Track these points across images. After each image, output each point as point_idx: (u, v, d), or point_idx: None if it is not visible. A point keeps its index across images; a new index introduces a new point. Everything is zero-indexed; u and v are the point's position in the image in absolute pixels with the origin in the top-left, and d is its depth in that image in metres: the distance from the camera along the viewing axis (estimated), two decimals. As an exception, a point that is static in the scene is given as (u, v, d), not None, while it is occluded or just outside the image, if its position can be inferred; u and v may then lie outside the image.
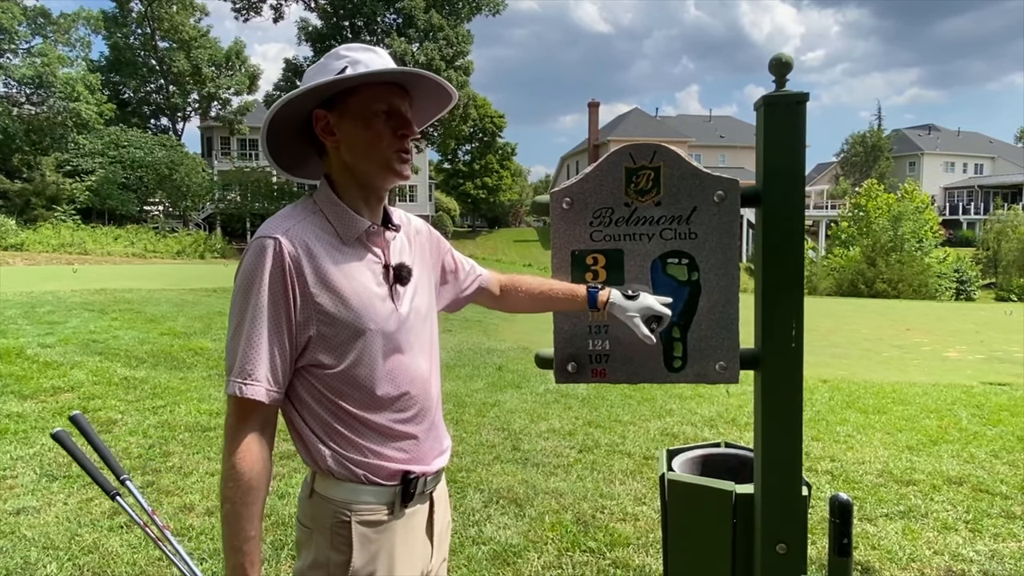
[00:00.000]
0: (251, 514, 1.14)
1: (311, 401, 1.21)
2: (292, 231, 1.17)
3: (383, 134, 1.22)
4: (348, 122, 1.22)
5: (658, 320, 1.51)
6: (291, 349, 1.17)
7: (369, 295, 1.21)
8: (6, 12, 31.75)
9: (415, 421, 1.27)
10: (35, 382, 5.75)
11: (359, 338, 1.19)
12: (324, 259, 1.18)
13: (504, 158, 58.57)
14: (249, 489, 1.14)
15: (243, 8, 37.39)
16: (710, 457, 2.03)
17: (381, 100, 1.22)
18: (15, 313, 9.01)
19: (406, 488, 1.24)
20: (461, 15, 37.12)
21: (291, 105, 1.21)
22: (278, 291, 1.14)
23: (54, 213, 31.20)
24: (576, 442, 4.52)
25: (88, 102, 34.01)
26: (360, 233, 1.24)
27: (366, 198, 1.27)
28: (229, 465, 1.14)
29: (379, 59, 1.24)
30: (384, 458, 1.23)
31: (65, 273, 16.59)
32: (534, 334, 9.98)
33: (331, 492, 1.22)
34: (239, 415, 1.16)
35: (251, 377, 1.14)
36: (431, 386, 1.33)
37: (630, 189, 1.57)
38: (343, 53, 1.24)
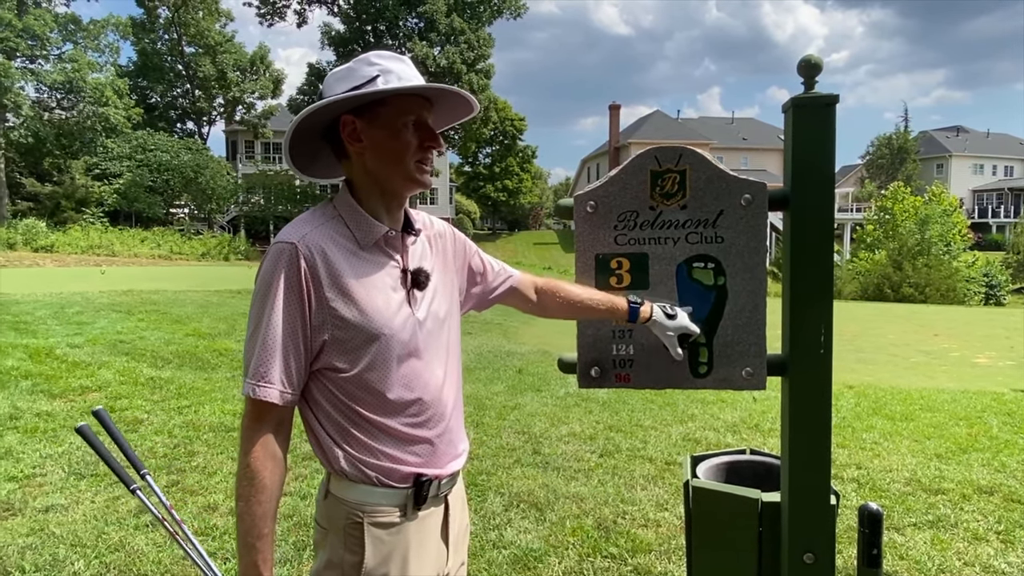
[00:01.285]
0: (264, 512, 1.16)
1: (326, 404, 1.23)
2: (309, 236, 1.19)
3: (410, 145, 1.24)
4: (377, 130, 1.23)
5: (688, 337, 1.52)
6: (306, 352, 1.19)
7: (385, 300, 1.22)
8: (38, 19, 32.48)
9: (428, 426, 1.28)
10: (64, 381, 5.85)
11: (373, 343, 1.20)
12: (341, 264, 1.19)
13: (524, 161, 58.61)
14: (263, 488, 1.16)
15: (267, 13, 37.86)
16: (735, 464, 2.00)
17: (410, 111, 1.24)
18: (45, 314, 9.19)
19: (419, 490, 1.25)
20: (482, 19, 37.24)
21: (323, 109, 1.23)
22: (293, 296, 1.17)
23: (83, 215, 31.85)
24: (597, 446, 4.49)
25: (116, 107, 34.66)
26: (378, 238, 1.25)
27: (387, 204, 1.28)
28: (244, 464, 1.17)
29: (408, 69, 1.25)
30: (397, 461, 1.24)
31: (93, 274, 16.90)
32: (554, 337, 9.96)
33: (345, 493, 1.24)
34: (254, 416, 1.19)
35: (265, 379, 1.16)
36: (446, 391, 1.32)
37: (655, 192, 1.55)
38: (374, 60, 1.24)
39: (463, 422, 1.41)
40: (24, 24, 31.84)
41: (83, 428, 1.79)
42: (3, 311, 9.22)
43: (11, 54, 32.15)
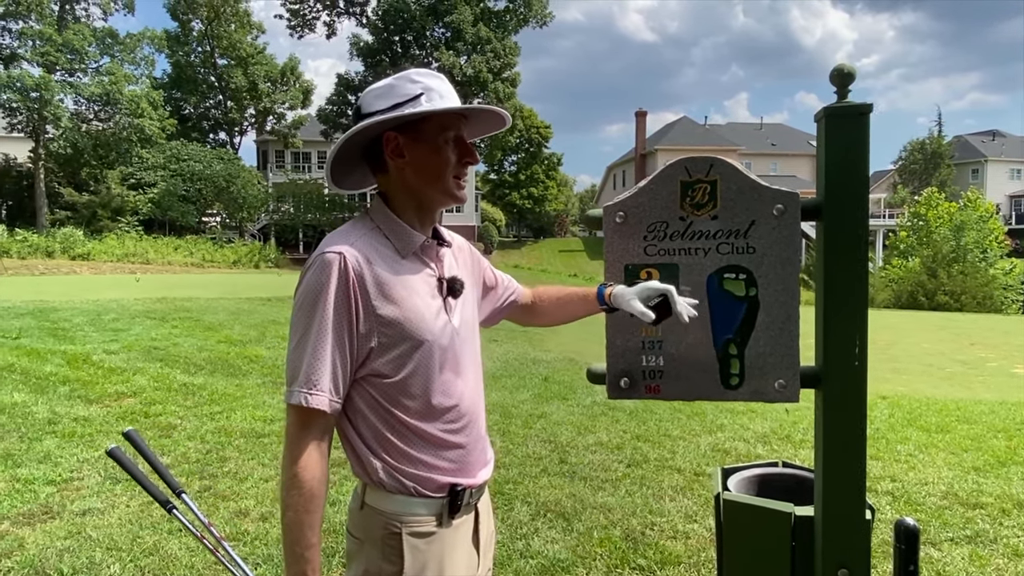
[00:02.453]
0: (313, 522, 1.17)
1: (367, 410, 1.25)
2: (355, 246, 1.23)
3: (450, 161, 1.29)
4: (420, 146, 1.28)
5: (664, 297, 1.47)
6: (352, 361, 1.21)
7: (426, 307, 1.26)
8: (78, 34, 33.46)
9: (464, 432, 1.31)
10: (100, 387, 5.99)
11: (418, 349, 1.23)
12: (385, 273, 1.23)
13: (550, 168, 58.65)
14: (312, 497, 1.17)
15: (298, 25, 38.56)
16: (767, 477, 1.97)
17: (450, 127, 1.29)
18: (83, 320, 9.43)
19: (453, 500, 1.27)
20: (508, 27, 37.45)
21: (377, 127, 1.28)
22: (343, 304, 1.19)
23: (119, 224, 32.64)
24: (624, 456, 4.46)
25: (151, 118, 35.51)
26: (416, 247, 1.30)
27: (421, 217, 1.33)
28: (291, 474, 1.17)
29: (447, 86, 1.31)
30: (434, 470, 1.26)
31: (128, 282, 17.29)
32: (579, 344, 9.93)
33: (382, 504, 1.26)
34: (302, 424, 1.19)
35: (316, 387, 1.18)
36: (477, 399, 1.37)
37: (685, 203, 1.54)
38: (415, 78, 1.29)
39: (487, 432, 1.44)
40: (64, 39, 32.83)
41: (114, 451, 1.79)
42: (43, 318, 9.48)
43: (51, 68, 33.15)
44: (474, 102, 35.87)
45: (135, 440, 1.79)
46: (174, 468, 4.08)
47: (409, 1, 36.09)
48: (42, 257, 24.88)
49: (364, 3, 38.13)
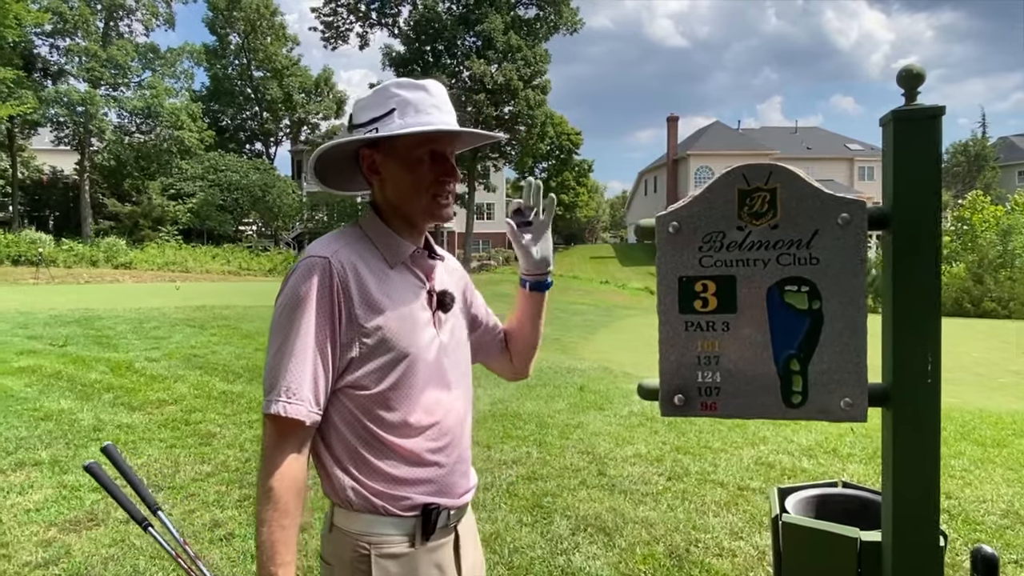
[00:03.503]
0: (287, 539, 1.12)
1: (340, 424, 1.20)
2: (341, 252, 1.19)
3: (425, 179, 1.23)
4: (393, 163, 1.24)
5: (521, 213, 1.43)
6: (333, 371, 1.17)
7: (413, 319, 1.22)
8: (121, 50, 34.52)
9: (444, 452, 1.25)
10: (142, 394, 6.09)
11: (401, 361, 1.19)
12: (371, 281, 1.19)
13: (581, 175, 58.60)
14: (286, 512, 1.12)
15: (331, 37, 39.18)
16: (827, 498, 1.88)
17: (425, 144, 1.22)
18: (126, 328, 9.64)
19: (427, 520, 1.21)
20: (539, 35, 37.55)
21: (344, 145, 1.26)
22: (326, 311, 1.15)
23: (159, 233, 33.49)
24: (664, 469, 4.37)
25: (190, 130, 36.42)
26: (405, 257, 1.26)
27: (408, 229, 1.29)
28: (266, 488, 1.13)
29: (430, 98, 1.23)
30: (406, 487, 1.20)
31: (169, 290, 17.68)
32: (614, 352, 9.82)
33: (350, 525, 1.20)
34: (279, 435, 1.15)
35: (296, 397, 1.13)
36: (463, 420, 1.31)
37: (743, 212, 1.48)
38: (393, 91, 1.23)
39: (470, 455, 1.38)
40: (108, 55, 33.91)
41: (91, 466, 1.73)
42: (88, 326, 9.72)
43: (96, 83, 34.25)
44: (504, 110, 36.06)
45: (113, 455, 1.73)
46: (214, 477, 4.11)
47: (440, 11, 36.44)
48: (87, 266, 25.62)
49: (396, 14, 38.60)
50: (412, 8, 37.46)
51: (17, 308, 11.66)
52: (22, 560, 3.02)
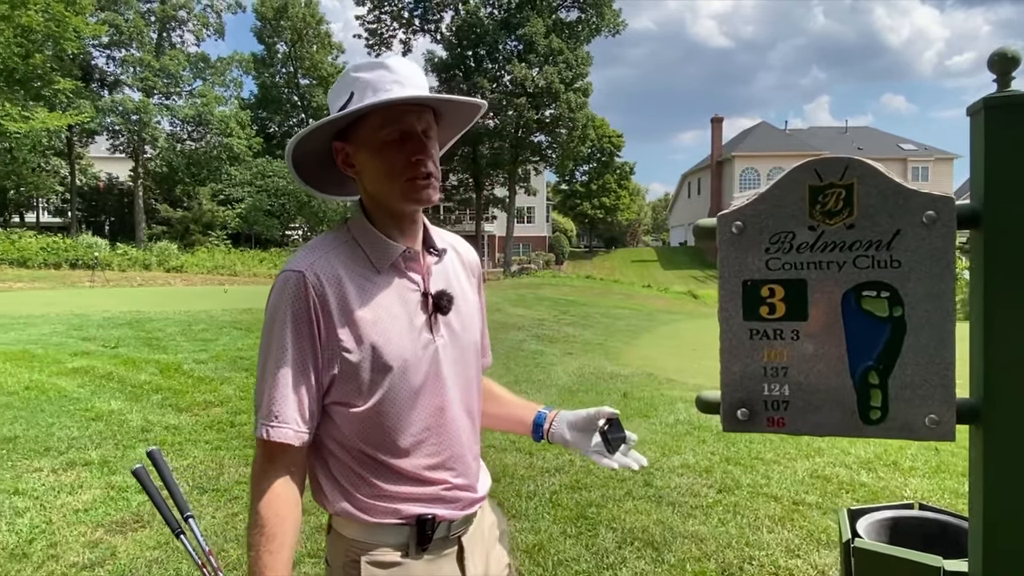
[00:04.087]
0: (274, 563, 1.06)
1: (329, 442, 1.15)
2: (318, 263, 1.11)
3: (396, 162, 1.12)
4: (363, 153, 1.14)
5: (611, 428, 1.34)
6: (317, 387, 1.12)
7: (401, 328, 1.13)
8: (173, 59, 35.65)
9: (446, 466, 1.18)
10: (190, 396, 6.19)
11: (386, 374, 1.11)
12: (352, 291, 1.11)
13: (622, 178, 58.04)
14: (273, 537, 1.07)
15: (375, 44, 39.73)
16: (901, 521, 1.73)
17: (390, 124, 1.12)
18: (175, 331, 9.86)
19: (422, 530, 1.15)
20: (580, 38, 37.39)
21: (311, 140, 1.15)
22: (302, 327, 1.09)
23: (209, 238, 34.43)
24: (714, 480, 4.20)
25: (239, 137, 37.38)
26: (395, 259, 1.16)
27: (397, 224, 1.18)
28: (254, 511, 1.09)
29: (390, 74, 1.12)
30: (399, 499, 1.15)
31: (217, 293, 18.09)
32: (658, 358, 9.62)
33: (344, 530, 1.17)
34: (267, 458, 1.11)
35: (278, 419, 1.09)
36: (467, 428, 1.23)
37: (815, 210, 1.35)
38: (352, 75, 1.14)
39: (481, 463, 1.30)
40: (161, 64, 35.05)
41: (138, 471, 1.76)
42: (139, 328, 9.98)
43: (150, 92, 35.44)
44: (545, 114, 36.00)
45: (157, 461, 1.75)
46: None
47: (482, 16, 36.61)
48: (140, 269, 26.44)
49: (438, 20, 38.94)
50: (454, 14, 37.74)
51: (72, 310, 12.06)
52: (70, 561, 3.05)
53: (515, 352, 9.62)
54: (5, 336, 8.97)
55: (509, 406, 1.44)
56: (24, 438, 4.83)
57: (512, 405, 1.44)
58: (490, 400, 1.42)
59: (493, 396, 1.44)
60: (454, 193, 40.41)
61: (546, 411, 1.38)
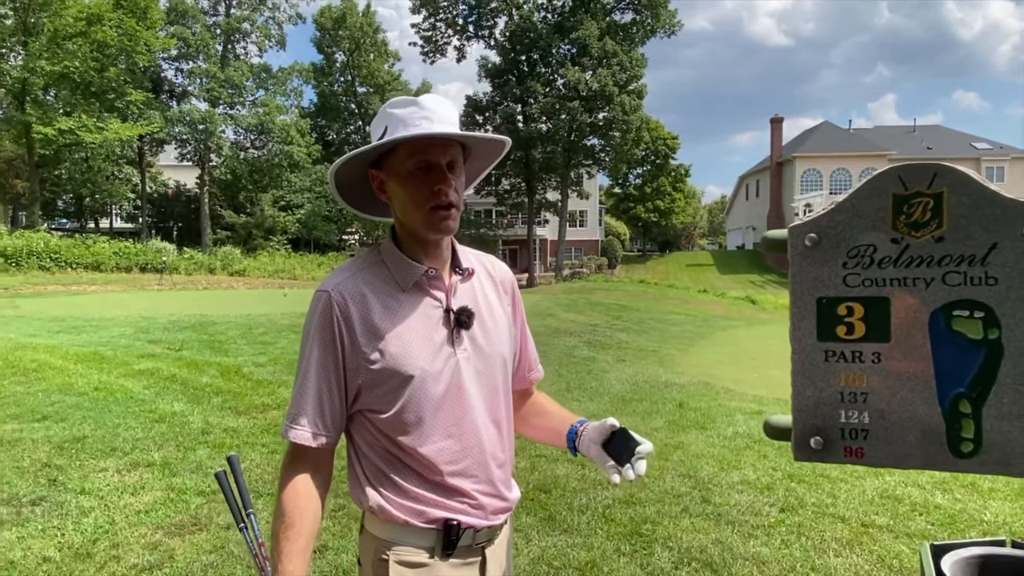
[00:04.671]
0: (291, 550, 1.16)
1: (363, 444, 1.26)
2: (344, 284, 1.23)
3: (420, 190, 1.21)
4: (393, 180, 1.24)
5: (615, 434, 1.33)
6: (341, 395, 1.22)
7: (421, 341, 1.22)
8: (237, 70, 36.96)
9: (467, 474, 1.25)
10: (248, 399, 6.32)
11: (407, 384, 1.20)
12: (376, 308, 1.21)
13: (677, 180, 57.12)
14: (291, 525, 1.17)
15: (430, 51, 40.25)
16: (992, 560, 1.57)
17: (415, 156, 1.21)
18: (236, 334, 10.15)
19: (448, 535, 1.22)
20: (635, 40, 36.98)
21: (353, 165, 1.27)
22: (327, 341, 1.21)
23: (270, 243, 35.49)
24: (776, 498, 4.01)
25: (299, 145, 38.45)
26: (418, 278, 1.25)
27: (423, 246, 1.28)
28: (278, 501, 1.21)
29: (419, 111, 1.22)
30: (427, 503, 1.22)
31: (277, 297, 18.59)
32: (715, 367, 9.35)
33: (375, 529, 1.25)
34: (291, 456, 1.24)
35: (296, 422, 1.21)
36: (491, 437, 1.29)
37: (900, 221, 1.23)
38: (387, 111, 1.25)
39: (511, 471, 1.35)
40: (226, 75, 36.39)
41: (220, 475, 1.93)
42: (202, 331, 10.32)
43: (215, 102, 36.84)
44: (599, 116, 35.72)
45: (234, 466, 1.96)
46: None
47: (536, 20, 36.63)
48: (205, 273, 27.44)
49: (492, 26, 39.15)
50: (508, 19, 37.89)
51: (140, 313, 12.57)
52: (130, 562, 3.12)
53: (566, 358, 9.51)
54: (78, 338, 9.40)
55: (552, 419, 1.47)
56: (92, 438, 5.02)
57: (554, 418, 1.47)
58: (540, 414, 1.49)
59: (543, 411, 1.49)
60: (506, 197, 40.49)
61: (578, 424, 1.39)
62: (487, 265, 1.39)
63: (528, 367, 1.48)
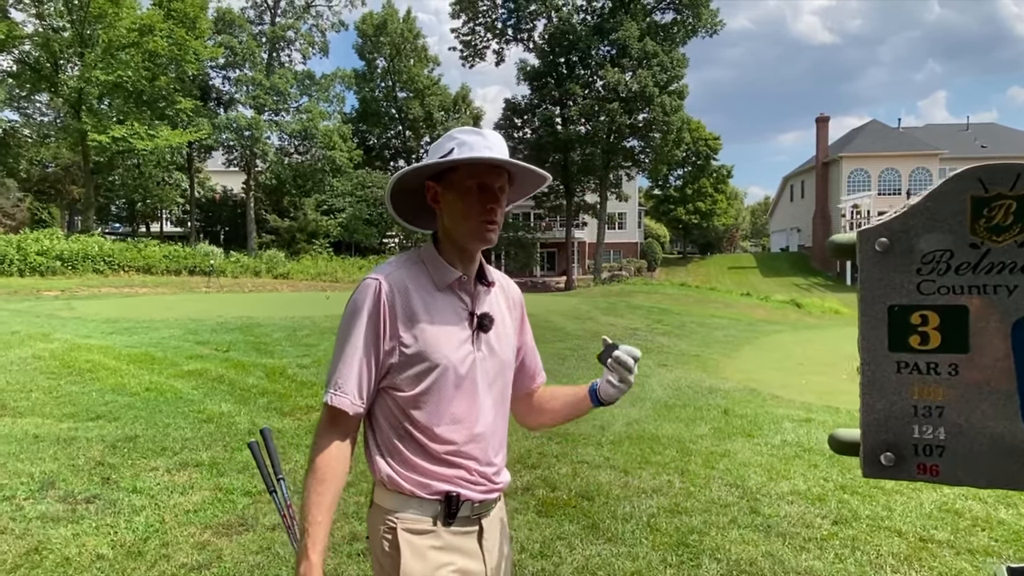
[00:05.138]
0: (320, 502, 1.32)
1: (381, 418, 1.42)
2: (392, 275, 1.40)
3: (473, 206, 1.40)
4: (450, 194, 1.43)
5: None
6: (376, 371, 1.38)
7: (449, 335, 1.40)
8: (282, 78, 37.75)
9: (470, 452, 1.42)
10: (293, 400, 6.42)
11: (433, 370, 1.37)
12: (415, 300, 1.39)
13: (719, 181, 56.24)
14: (322, 481, 1.34)
15: (470, 55, 40.51)
16: (1078, 586, 1.47)
17: (475, 176, 1.40)
18: (281, 336, 10.33)
19: (449, 506, 1.38)
20: (676, 40, 36.57)
21: (409, 177, 1.45)
22: (373, 323, 1.36)
23: (313, 246, 36.13)
24: (828, 510, 3.88)
25: (341, 150, 39.06)
26: (452, 281, 1.44)
27: (460, 255, 1.46)
28: (311, 459, 1.37)
29: (483, 141, 1.41)
30: (432, 476, 1.38)
31: (320, 299, 18.88)
32: (760, 372, 9.15)
33: (384, 501, 1.41)
34: (328, 420, 1.39)
35: (341, 390, 1.36)
36: (492, 426, 1.46)
37: (979, 225, 1.16)
38: (455, 135, 1.43)
39: (504, 458, 1.53)
40: (271, 83, 37.19)
41: (253, 445, 2.14)
42: (248, 333, 10.53)
43: (260, 109, 37.67)
44: (638, 118, 35.36)
45: (266, 437, 2.14)
46: (353, 487, 4.16)
47: (575, 23, 36.53)
48: (251, 276, 28.08)
49: (531, 29, 39.21)
50: (547, 21, 37.87)
51: (189, 315, 12.91)
52: (180, 562, 3.18)
53: (608, 363, 9.42)
54: (130, 339, 9.69)
55: (566, 393, 1.64)
56: (143, 437, 5.15)
57: (567, 392, 1.64)
58: (552, 398, 1.65)
59: (553, 394, 1.66)
60: (544, 200, 40.43)
61: (596, 383, 1.57)
62: (502, 282, 1.59)
63: (533, 373, 1.66)
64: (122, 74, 27.99)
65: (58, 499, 3.94)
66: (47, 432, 5.23)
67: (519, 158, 1.62)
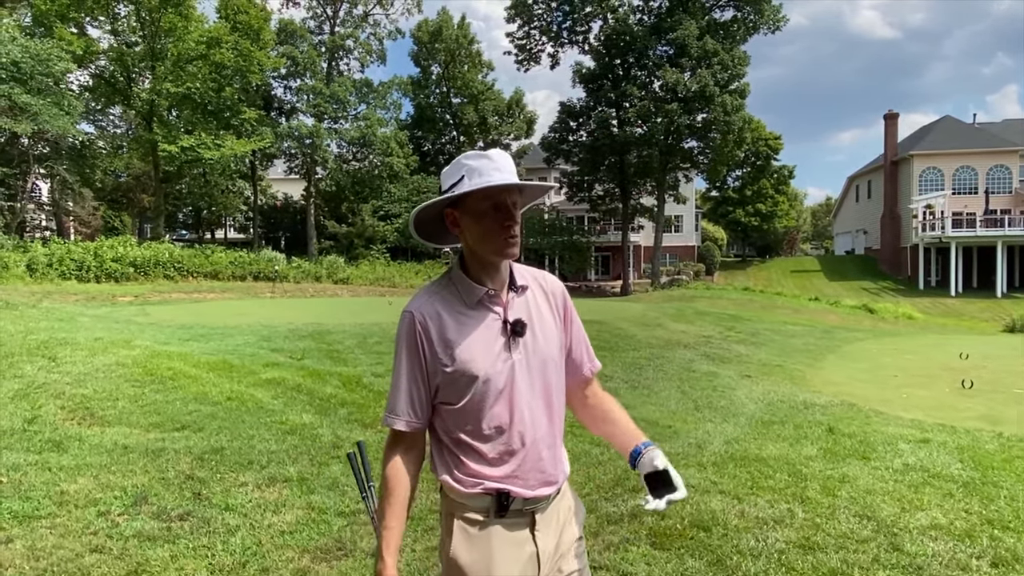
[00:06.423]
0: (391, 512, 1.53)
1: (439, 429, 1.59)
2: (424, 306, 1.56)
3: (492, 226, 1.53)
4: (467, 218, 1.56)
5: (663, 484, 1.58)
6: (427, 391, 1.56)
7: (484, 349, 1.53)
8: (341, 86, 38.42)
9: (515, 454, 1.54)
10: (372, 411, 6.27)
11: (473, 383, 1.52)
12: (449, 323, 1.54)
13: (780, 182, 54.59)
14: (390, 492, 1.55)
15: (524, 59, 40.39)
16: None
17: (489, 198, 1.53)
18: (352, 343, 10.27)
19: (500, 501, 1.53)
20: (736, 37, 35.60)
21: (432, 206, 1.59)
22: (413, 350, 1.55)
23: (370, 251, 36.58)
24: (980, 549, 3.45)
25: (398, 156, 39.50)
26: (480, 297, 1.57)
27: (486, 270, 1.59)
28: (382, 475, 1.57)
29: (491, 163, 1.52)
30: (484, 477, 1.53)
31: (382, 305, 18.95)
32: (852, 384, 8.60)
33: (447, 492, 1.59)
34: (389, 439, 1.60)
35: (393, 412, 1.57)
36: (539, 424, 1.57)
37: None
38: (463, 162, 1.55)
39: (560, 454, 1.65)
40: (331, 91, 37.88)
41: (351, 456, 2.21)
42: (319, 340, 10.52)
43: (321, 117, 38.42)
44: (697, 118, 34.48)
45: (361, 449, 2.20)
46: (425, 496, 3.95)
47: (631, 23, 35.96)
48: (312, 281, 28.55)
49: (587, 31, 38.81)
50: (603, 23, 37.41)
51: (260, 321, 13.03)
52: (283, 591, 3.01)
53: (687, 373, 9.01)
54: (207, 346, 9.78)
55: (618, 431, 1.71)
56: (229, 449, 5.06)
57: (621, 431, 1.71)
58: (607, 422, 1.74)
59: (610, 419, 1.74)
60: (600, 203, 39.91)
61: (642, 447, 1.63)
62: (540, 280, 1.69)
63: (582, 360, 1.73)
64: (191, 86, 28.90)
65: (152, 515, 3.85)
66: (135, 442, 5.20)
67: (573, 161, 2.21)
